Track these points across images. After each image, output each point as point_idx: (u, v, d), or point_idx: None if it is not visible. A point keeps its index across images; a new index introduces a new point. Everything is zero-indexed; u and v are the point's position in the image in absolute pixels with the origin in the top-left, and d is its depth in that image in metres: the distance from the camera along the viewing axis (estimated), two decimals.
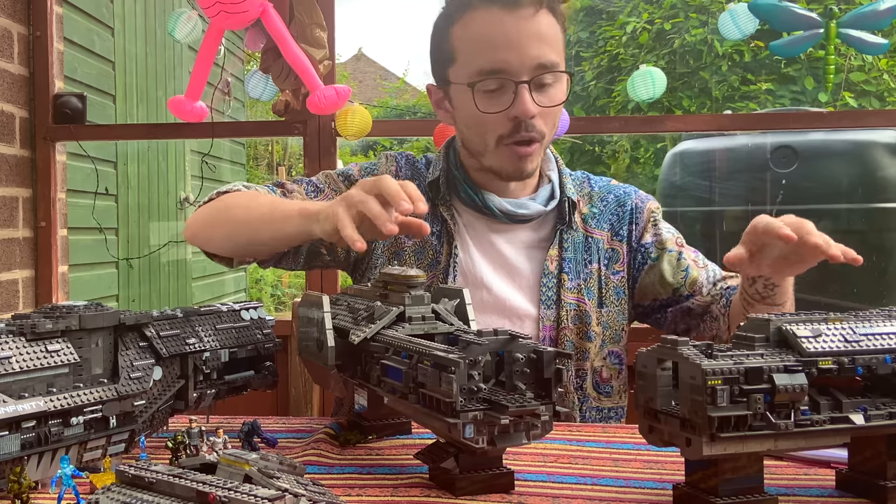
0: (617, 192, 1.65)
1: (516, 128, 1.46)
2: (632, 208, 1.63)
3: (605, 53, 8.79)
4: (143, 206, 4.92)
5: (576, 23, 9.15)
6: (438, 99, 1.59)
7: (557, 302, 1.53)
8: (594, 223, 1.60)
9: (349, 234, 1.16)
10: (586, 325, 1.54)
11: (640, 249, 1.60)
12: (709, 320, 1.56)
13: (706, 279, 1.58)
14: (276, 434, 1.25)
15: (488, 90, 1.45)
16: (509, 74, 1.44)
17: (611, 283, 1.58)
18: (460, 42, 1.49)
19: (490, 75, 1.45)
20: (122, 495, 0.77)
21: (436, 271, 1.54)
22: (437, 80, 1.60)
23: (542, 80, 1.45)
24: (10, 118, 2.51)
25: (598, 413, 1.57)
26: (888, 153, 3.95)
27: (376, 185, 1.20)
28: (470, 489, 0.99)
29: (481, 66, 1.45)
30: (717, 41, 7.77)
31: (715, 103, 7.88)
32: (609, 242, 1.60)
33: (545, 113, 1.47)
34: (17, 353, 0.98)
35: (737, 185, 4.19)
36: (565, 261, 1.55)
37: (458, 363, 0.92)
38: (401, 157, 1.67)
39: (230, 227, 1.46)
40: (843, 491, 1.00)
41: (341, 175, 1.62)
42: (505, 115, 1.45)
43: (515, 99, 1.43)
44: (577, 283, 1.55)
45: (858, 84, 7.19)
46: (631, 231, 1.61)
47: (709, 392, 0.84)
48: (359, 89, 15.30)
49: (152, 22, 5.13)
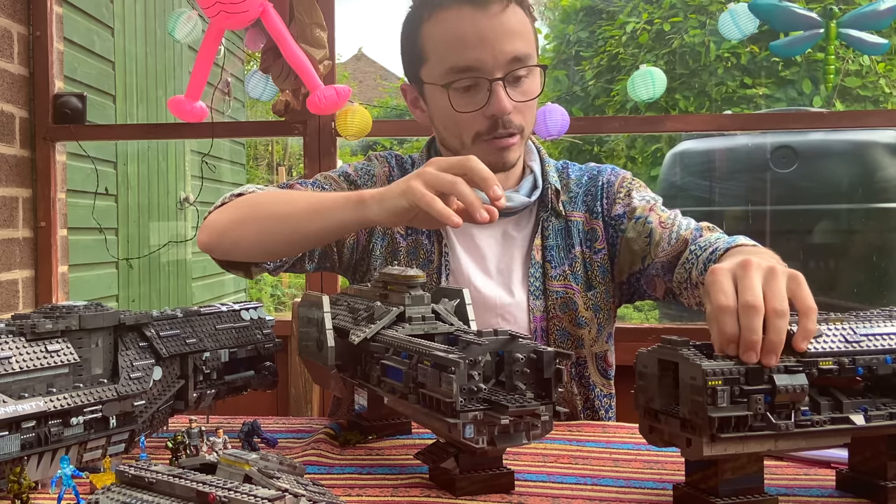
0: (591, 173, 1.62)
1: (493, 125, 1.45)
2: (603, 183, 1.59)
3: (605, 53, 8.79)
4: (143, 206, 4.91)
5: (576, 23, 9.15)
6: (413, 99, 1.58)
7: (544, 292, 1.52)
8: (570, 207, 1.58)
9: (440, 209, 1.10)
10: (574, 311, 1.52)
11: (612, 223, 1.56)
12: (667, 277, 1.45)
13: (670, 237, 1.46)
14: (276, 434, 1.25)
15: (462, 88, 1.44)
16: (483, 72, 1.43)
17: (595, 263, 1.55)
18: (431, 41, 1.48)
19: (463, 73, 1.43)
20: (122, 495, 0.77)
21: (429, 270, 1.53)
22: (409, 80, 1.58)
23: (516, 75, 1.44)
24: (10, 118, 2.51)
25: (609, 400, 1.56)
26: (888, 153, 3.95)
27: (462, 165, 1.14)
28: (470, 489, 0.98)
29: (454, 64, 1.44)
30: (713, 43, 7.77)
31: (713, 105, 7.88)
32: (588, 223, 1.57)
33: (522, 107, 1.46)
34: (17, 353, 0.98)
35: (737, 185, 4.19)
36: (547, 249, 1.54)
37: (458, 363, 0.92)
38: (391, 157, 1.65)
39: (268, 223, 1.36)
40: (843, 491, 1.00)
41: (341, 175, 1.61)
42: (481, 113, 1.44)
43: (491, 97, 1.42)
44: (563, 269, 1.54)
45: (854, 89, 7.19)
46: (603, 206, 1.58)
47: (709, 392, 0.84)
48: (359, 89, 15.29)
49: (152, 22, 5.13)
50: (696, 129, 3.16)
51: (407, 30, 1.54)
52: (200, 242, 1.43)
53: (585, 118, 4.94)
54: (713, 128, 2.94)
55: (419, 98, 1.56)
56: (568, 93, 9.01)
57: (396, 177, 1.60)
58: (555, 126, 2.20)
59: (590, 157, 9.03)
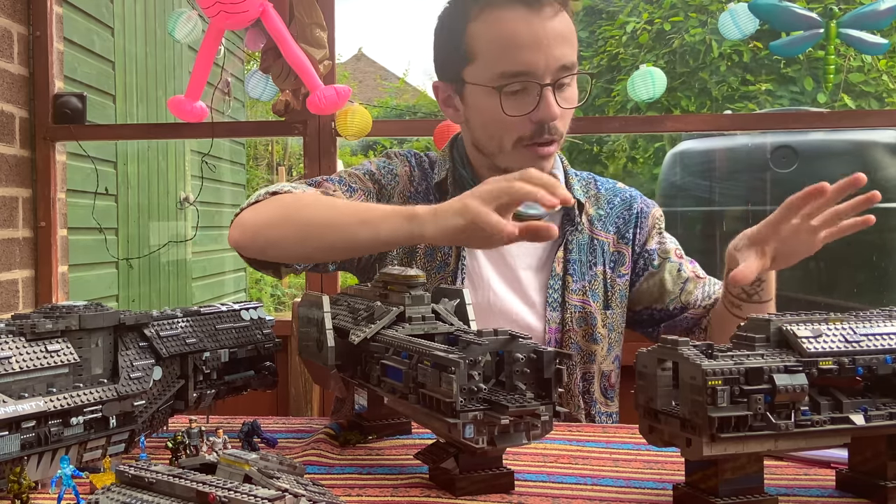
0: (623, 196, 1.64)
1: (539, 131, 1.43)
2: (638, 212, 1.61)
3: (605, 53, 8.79)
4: (143, 206, 4.92)
5: (576, 22, 9.14)
6: (446, 97, 1.54)
7: (562, 304, 1.52)
8: (600, 225, 1.59)
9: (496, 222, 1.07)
10: (591, 327, 1.52)
11: (644, 255, 1.59)
12: (697, 332, 1.56)
13: (702, 293, 1.58)
14: (276, 434, 1.25)
15: (511, 91, 1.42)
16: (534, 77, 1.41)
17: (616, 286, 1.56)
18: (480, 42, 1.44)
19: (515, 77, 1.41)
20: (122, 495, 0.77)
21: (444, 273, 1.51)
22: (446, 79, 1.54)
23: (562, 82, 1.43)
24: (10, 118, 2.51)
25: (609, 418, 1.56)
26: (888, 153, 3.95)
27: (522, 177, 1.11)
28: (470, 489, 0.98)
29: (506, 68, 1.41)
30: (714, 42, 7.77)
31: (714, 103, 7.88)
32: (615, 245, 1.59)
33: (564, 114, 1.45)
34: (17, 353, 0.98)
35: (737, 185, 4.19)
36: (570, 262, 1.53)
37: (458, 363, 0.92)
38: (410, 156, 1.62)
39: (312, 229, 1.31)
40: (843, 491, 1.00)
41: (366, 174, 1.56)
42: (528, 117, 1.42)
43: (540, 102, 1.41)
44: (582, 284, 1.54)
45: (857, 85, 7.19)
46: (636, 235, 1.60)
47: (709, 392, 0.84)
48: (359, 89, 15.29)
49: (152, 22, 5.14)
50: (696, 128, 3.16)
51: (448, 27, 1.50)
52: (232, 239, 1.39)
53: (585, 118, 4.91)
54: (713, 128, 2.94)
55: (454, 97, 1.52)
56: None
57: (417, 176, 1.58)
58: None
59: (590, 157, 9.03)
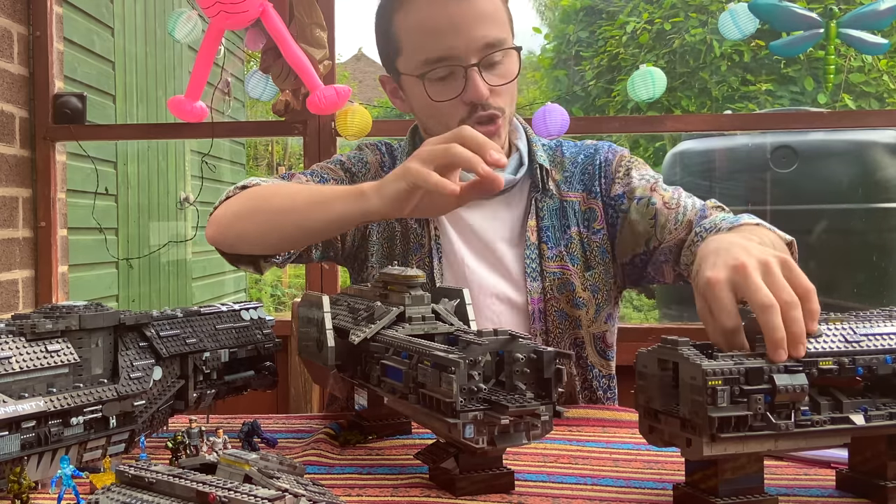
0: (587, 151, 1.60)
1: (473, 110, 1.44)
2: (601, 162, 1.57)
3: (605, 53, 8.79)
4: (143, 206, 4.92)
5: (576, 23, 9.15)
6: (392, 89, 1.57)
7: (541, 273, 1.51)
8: (566, 186, 1.57)
9: (437, 181, 1.09)
10: (571, 292, 1.51)
11: (612, 203, 1.54)
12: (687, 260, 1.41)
13: (676, 219, 1.45)
14: (276, 434, 1.25)
15: (438, 77, 1.44)
16: (457, 60, 1.42)
17: (594, 244, 1.54)
18: (404, 32, 1.47)
19: (438, 63, 1.43)
20: (122, 495, 0.77)
21: (420, 254, 1.52)
22: (387, 71, 1.57)
23: (492, 59, 1.44)
24: (10, 118, 2.51)
25: (609, 381, 1.56)
26: (888, 153, 3.95)
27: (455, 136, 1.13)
28: (470, 489, 0.98)
29: (428, 55, 1.43)
30: (715, 42, 7.77)
31: (714, 103, 7.88)
32: (585, 203, 1.55)
33: (500, 90, 1.45)
34: (17, 353, 0.97)
35: (737, 185, 4.19)
36: (543, 230, 1.53)
37: (458, 363, 0.92)
38: (381, 145, 1.65)
39: (273, 216, 1.34)
40: (843, 491, 1.00)
41: (336, 164, 1.60)
42: (459, 100, 1.44)
43: (467, 84, 1.42)
44: (558, 250, 1.52)
45: (858, 85, 7.19)
46: (601, 185, 1.56)
47: (709, 392, 0.84)
48: (359, 89, 15.28)
49: (152, 22, 5.14)
50: (696, 128, 3.16)
51: (380, 21, 1.53)
52: (208, 236, 1.42)
53: (585, 118, 4.93)
54: (713, 128, 2.94)
55: (398, 88, 1.56)
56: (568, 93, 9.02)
57: (388, 164, 1.60)
58: (555, 126, 2.20)
59: None
